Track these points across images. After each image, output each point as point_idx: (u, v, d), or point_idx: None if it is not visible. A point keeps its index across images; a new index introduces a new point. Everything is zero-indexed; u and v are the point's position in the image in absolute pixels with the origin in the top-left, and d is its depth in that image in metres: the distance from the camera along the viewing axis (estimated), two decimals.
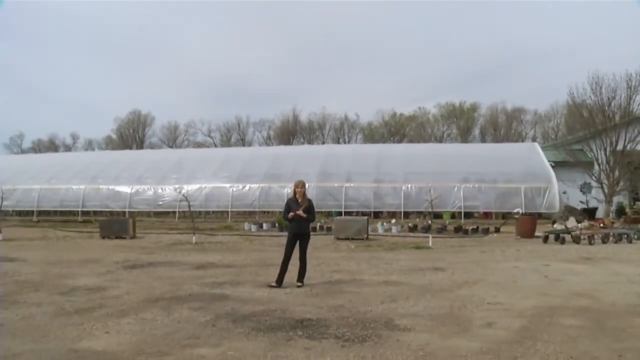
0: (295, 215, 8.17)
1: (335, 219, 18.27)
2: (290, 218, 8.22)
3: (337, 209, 23.98)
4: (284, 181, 24.43)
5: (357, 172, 25.76)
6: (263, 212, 25.75)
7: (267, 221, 21.60)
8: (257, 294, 7.62)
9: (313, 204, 8.57)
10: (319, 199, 20.63)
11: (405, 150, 31.36)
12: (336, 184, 25.02)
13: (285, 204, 8.62)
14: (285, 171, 25.73)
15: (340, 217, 18.92)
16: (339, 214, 22.52)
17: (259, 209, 25.62)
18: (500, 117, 62.83)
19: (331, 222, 19.00)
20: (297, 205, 8.27)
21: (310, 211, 8.37)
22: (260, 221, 21.90)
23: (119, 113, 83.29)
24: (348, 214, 23.30)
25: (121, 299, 7.33)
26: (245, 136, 67.65)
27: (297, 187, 8.46)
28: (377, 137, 62.58)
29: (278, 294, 7.60)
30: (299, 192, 8.42)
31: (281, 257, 8.30)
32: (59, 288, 8.17)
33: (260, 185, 25.57)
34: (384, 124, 64.83)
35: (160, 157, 31.55)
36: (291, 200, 8.48)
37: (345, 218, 18.74)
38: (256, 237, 17.82)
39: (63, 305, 6.89)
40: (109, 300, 7.25)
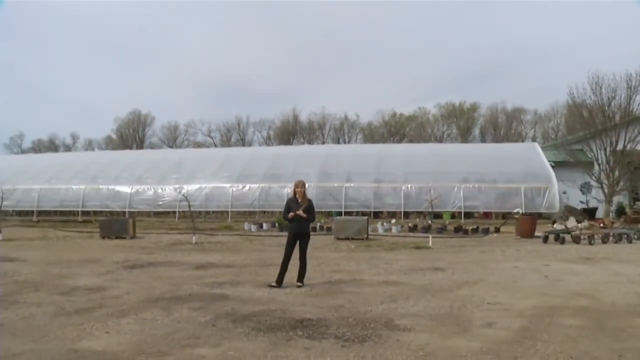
0: (295, 215, 8.16)
1: (335, 219, 18.27)
2: (290, 218, 8.22)
3: (337, 209, 23.98)
4: (284, 181, 24.44)
5: (357, 172, 25.77)
6: (263, 212, 25.74)
7: (267, 221, 21.61)
8: (257, 294, 7.62)
9: (313, 204, 8.57)
10: (319, 199, 20.64)
11: (405, 150, 31.37)
12: (336, 184, 25.03)
13: (285, 204, 8.62)
14: (285, 171, 25.74)
15: (340, 217, 18.92)
16: (339, 214, 22.53)
17: (259, 209, 25.62)
18: (500, 117, 62.85)
19: (331, 222, 19.00)
20: (297, 205, 8.27)
21: (310, 211, 8.37)
22: (260, 221, 21.90)
23: (119, 113, 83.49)
24: (348, 214, 23.31)
25: (121, 299, 7.33)
26: (245, 136, 67.79)
27: (297, 187, 8.47)
28: (377, 137, 62.58)
29: (278, 294, 7.60)
30: (299, 192, 8.42)
31: (281, 257, 8.30)
32: (59, 288, 8.17)
33: (260, 185, 25.59)
34: (384, 124, 64.84)
35: (160, 157, 31.56)
36: (291, 200, 8.48)
37: (345, 218, 18.74)
38: (256, 237, 17.82)
39: (63, 305, 6.89)
40: (109, 300, 7.25)
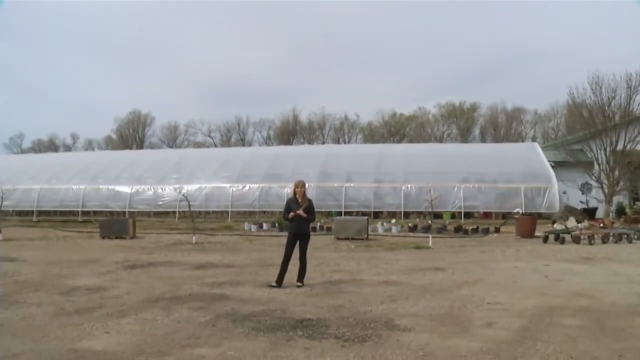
0: (295, 215, 8.16)
1: (335, 219, 18.27)
2: (291, 218, 8.21)
3: (337, 209, 23.98)
4: (284, 181, 24.44)
5: (357, 172, 25.77)
6: (263, 212, 25.74)
7: (267, 221, 21.61)
8: (257, 294, 7.62)
9: (313, 204, 8.57)
10: (319, 199, 20.64)
11: (405, 150, 31.37)
12: (336, 184, 25.03)
13: (286, 203, 8.62)
14: (285, 171, 25.74)
15: (340, 217, 18.92)
16: (339, 214, 22.52)
17: (259, 209, 25.62)
18: (500, 117, 62.85)
19: (331, 222, 19.00)
20: (297, 205, 8.27)
21: (310, 211, 8.37)
22: (260, 221, 21.90)
23: (119, 113, 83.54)
24: (348, 214, 23.31)
25: (121, 299, 7.33)
26: (245, 136, 67.80)
27: (297, 187, 8.47)
28: (377, 137, 62.58)
29: (278, 294, 7.60)
30: (299, 192, 8.42)
31: (281, 257, 8.30)
32: (59, 288, 8.17)
33: (260, 185, 25.59)
34: (384, 124, 64.84)
35: (160, 157, 31.56)
36: (291, 200, 8.48)
37: (345, 218, 18.74)
38: (256, 237, 17.82)
39: (63, 305, 6.89)
40: (109, 300, 7.25)
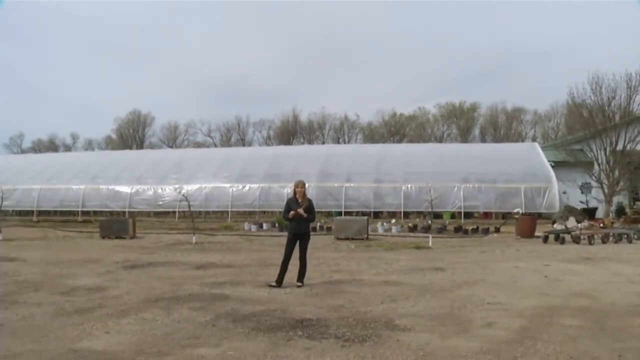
0: (295, 214, 8.16)
1: (335, 219, 18.27)
2: (291, 217, 8.21)
3: (337, 209, 23.99)
4: (284, 181, 24.45)
5: (357, 172, 25.78)
6: (263, 212, 25.74)
7: (267, 221, 21.61)
8: (257, 294, 7.62)
9: (313, 203, 8.57)
10: (319, 199, 20.64)
11: (405, 150, 31.37)
12: (336, 184, 25.03)
13: (285, 203, 8.62)
14: (285, 171, 25.75)
15: (340, 217, 18.92)
16: (339, 214, 22.53)
17: (259, 209, 25.62)
18: (500, 117, 62.84)
19: (331, 222, 19.00)
20: (297, 205, 8.27)
21: (310, 211, 8.37)
22: (260, 221, 21.90)
23: (119, 113, 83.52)
24: (348, 214, 23.31)
25: (121, 299, 7.33)
26: (245, 136, 67.79)
27: (297, 187, 8.47)
28: (377, 137, 62.57)
29: (278, 294, 7.60)
30: (299, 192, 8.42)
31: (281, 257, 8.30)
32: (59, 288, 8.17)
33: (260, 185, 25.59)
34: (384, 124, 64.84)
35: (160, 157, 31.57)
36: (291, 200, 8.48)
37: (345, 218, 18.74)
38: (256, 237, 17.82)
39: (63, 305, 6.89)
40: (109, 300, 7.25)
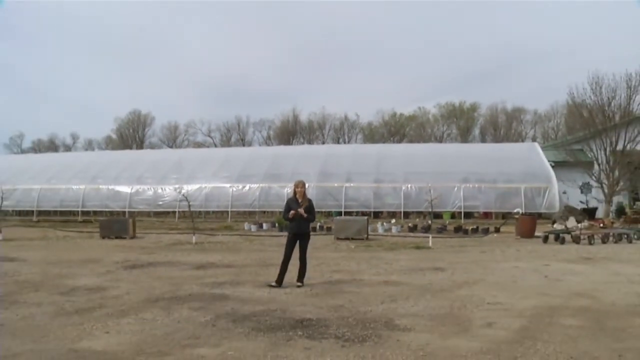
0: (295, 214, 8.15)
1: (335, 219, 18.27)
2: (291, 217, 8.20)
3: (337, 209, 23.99)
4: (284, 181, 24.45)
5: (357, 172, 25.78)
6: (263, 212, 25.74)
7: (267, 221, 21.61)
8: (257, 294, 7.62)
9: (313, 203, 8.57)
10: (319, 199, 20.63)
11: (405, 150, 31.37)
12: (336, 184, 25.03)
13: (285, 203, 8.62)
14: (285, 171, 25.75)
15: (340, 217, 18.92)
16: (339, 214, 22.53)
17: (259, 209, 25.62)
18: (500, 117, 62.85)
19: (331, 222, 18.99)
20: (297, 205, 8.27)
21: (310, 211, 8.37)
22: (260, 221, 21.90)
23: (119, 113, 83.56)
24: (348, 214, 23.31)
25: (121, 299, 7.33)
26: (245, 136, 67.81)
27: (297, 187, 8.47)
28: (377, 137, 62.58)
29: (278, 294, 7.60)
30: (299, 192, 8.42)
31: (281, 257, 8.30)
32: (59, 288, 8.17)
33: (260, 185, 25.59)
34: (384, 124, 64.84)
35: (160, 157, 31.57)
36: (291, 200, 8.48)
37: (345, 218, 18.74)
38: (256, 237, 17.82)
39: (63, 305, 6.89)
40: (109, 300, 7.25)
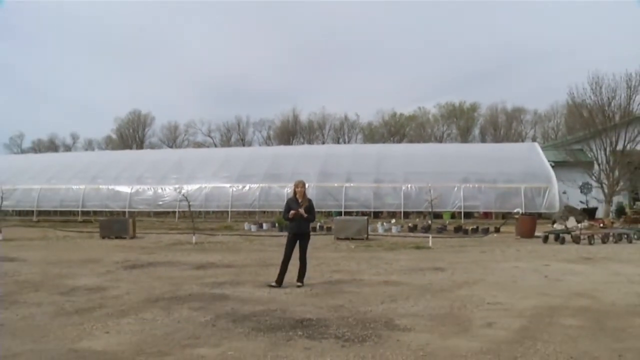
0: (295, 214, 8.15)
1: (335, 219, 18.27)
2: (291, 217, 8.20)
3: (337, 209, 23.99)
4: (284, 181, 24.45)
5: (357, 172, 25.78)
6: (263, 212, 25.74)
7: (267, 221, 21.61)
8: (257, 294, 7.62)
9: (313, 203, 8.57)
10: (319, 199, 20.63)
11: (405, 150, 31.38)
12: (336, 184, 25.03)
13: (285, 203, 8.62)
14: (285, 171, 25.75)
15: (340, 217, 18.92)
16: (339, 214, 22.53)
17: (259, 209, 25.62)
18: (500, 117, 62.85)
19: (331, 222, 18.99)
20: (297, 205, 8.27)
21: (310, 211, 8.36)
22: (260, 221, 21.90)
23: (119, 113, 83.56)
24: (348, 214, 23.31)
25: (121, 299, 7.33)
26: (245, 136, 67.80)
27: (297, 187, 8.46)
28: (377, 137, 62.58)
29: (278, 294, 7.60)
30: (299, 192, 8.41)
31: (281, 257, 8.30)
32: (59, 288, 8.17)
33: (260, 185, 25.59)
34: (384, 124, 64.84)
35: (160, 157, 31.57)
36: (291, 200, 8.48)
37: (345, 218, 18.74)
38: (256, 237, 17.82)
39: (63, 305, 6.89)
40: (109, 300, 7.25)
